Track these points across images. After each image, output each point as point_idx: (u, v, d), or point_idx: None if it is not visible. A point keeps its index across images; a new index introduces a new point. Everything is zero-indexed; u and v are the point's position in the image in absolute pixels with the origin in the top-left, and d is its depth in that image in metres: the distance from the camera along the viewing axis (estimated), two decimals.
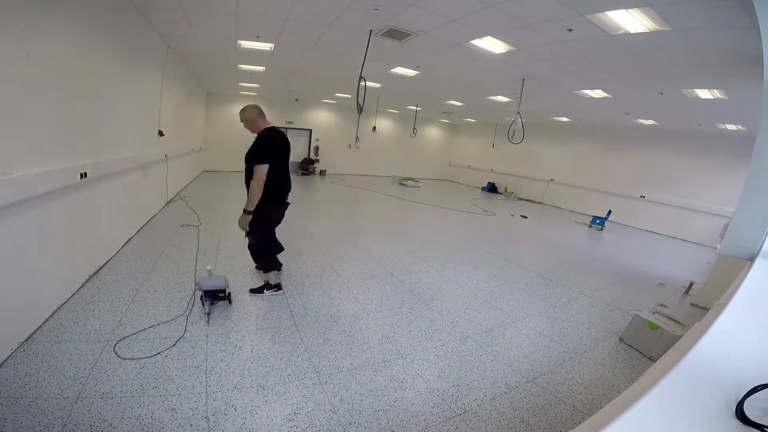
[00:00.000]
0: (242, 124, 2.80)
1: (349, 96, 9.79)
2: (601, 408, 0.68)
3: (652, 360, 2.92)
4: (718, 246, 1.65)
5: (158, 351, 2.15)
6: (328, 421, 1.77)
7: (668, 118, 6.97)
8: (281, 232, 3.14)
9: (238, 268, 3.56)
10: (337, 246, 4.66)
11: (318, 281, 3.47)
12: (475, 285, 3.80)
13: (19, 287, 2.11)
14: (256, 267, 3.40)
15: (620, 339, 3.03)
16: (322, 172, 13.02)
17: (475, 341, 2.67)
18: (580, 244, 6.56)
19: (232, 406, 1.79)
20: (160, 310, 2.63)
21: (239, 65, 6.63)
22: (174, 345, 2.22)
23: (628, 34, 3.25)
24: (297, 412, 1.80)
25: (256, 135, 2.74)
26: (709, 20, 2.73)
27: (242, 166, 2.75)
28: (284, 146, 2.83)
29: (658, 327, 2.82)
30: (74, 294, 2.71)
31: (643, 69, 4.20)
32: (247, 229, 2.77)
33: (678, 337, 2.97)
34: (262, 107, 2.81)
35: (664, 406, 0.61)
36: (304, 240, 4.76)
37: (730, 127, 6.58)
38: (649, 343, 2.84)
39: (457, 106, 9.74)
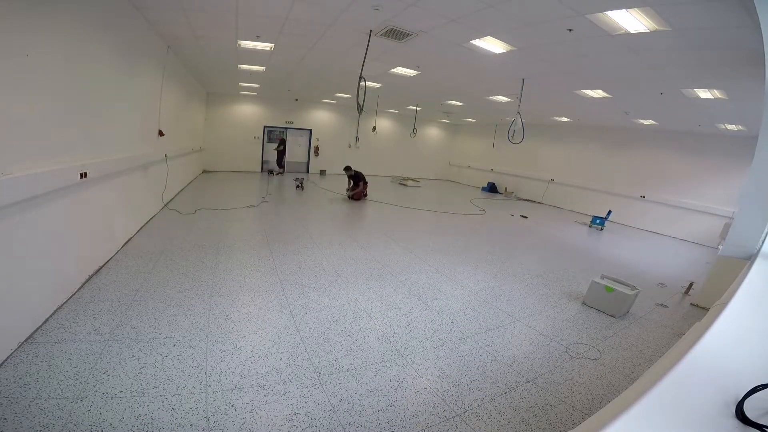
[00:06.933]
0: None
1: (349, 96, 9.80)
2: (601, 408, 0.68)
3: (614, 317, 3.28)
4: (719, 246, 1.65)
5: None
6: (328, 421, 1.77)
7: (668, 118, 6.97)
8: None
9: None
10: (337, 246, 4.66)
11: (318, 281, 3.47)
12: (475, 285, 3.80)
13: (19, 287, 2.11)
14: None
15: (583, 303, 3.56)
16: (322, 172, 13.02)
17: (475, 341, 2.67)
18: (580, 245, 6.55)
19: (232, 406, 1.79)
20: (160, 309, 2.64)
21: (239, 65, 6.64)
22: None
23: (628, 34, 3.25)
24: (297, 412, 1.80)
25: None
26: (709, 20, 2.73)
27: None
28: None
29: (613, 290, 3.34)
30: (74, 294, 2.71)
31: (643, 69, 4.20)
32: None
33: (629, 296, 3.25)
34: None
35: (664, 406, 0.61)
36: (305, 239, 4.76)
37: (730, 127, 6.58)
38: (607, 303, 3.38)
39: (457, 106, 9.74)
